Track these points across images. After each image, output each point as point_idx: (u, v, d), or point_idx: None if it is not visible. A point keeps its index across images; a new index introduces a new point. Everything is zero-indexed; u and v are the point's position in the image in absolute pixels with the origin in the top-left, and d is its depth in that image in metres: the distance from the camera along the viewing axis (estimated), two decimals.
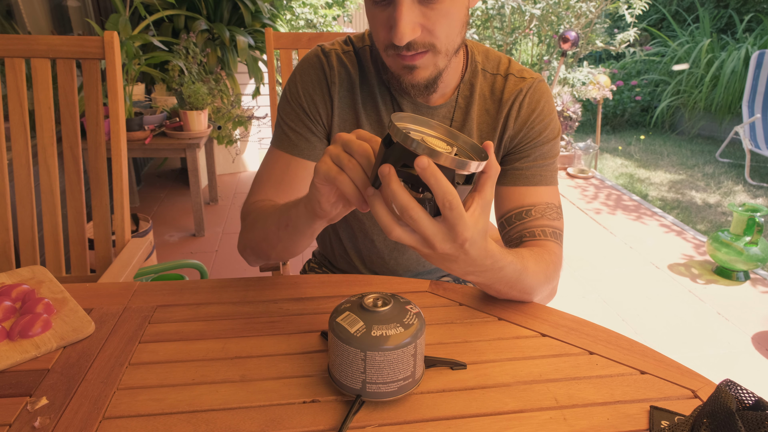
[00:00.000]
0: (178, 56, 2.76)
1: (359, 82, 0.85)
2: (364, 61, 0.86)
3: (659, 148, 4.90)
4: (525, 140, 0.84)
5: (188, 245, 2.69)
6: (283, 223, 0.68)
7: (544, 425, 0.52)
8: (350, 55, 0.86)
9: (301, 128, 0.85)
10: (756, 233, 2.33)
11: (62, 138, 1.11)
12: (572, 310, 0.95)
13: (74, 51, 1.07)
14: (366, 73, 0.85)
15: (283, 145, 0.85)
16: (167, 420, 0.51)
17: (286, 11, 4.64)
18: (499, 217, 0.85)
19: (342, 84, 0.85)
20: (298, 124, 0.85)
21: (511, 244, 0.81)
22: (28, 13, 2.35)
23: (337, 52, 0.86)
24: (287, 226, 0.68)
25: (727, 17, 5.75)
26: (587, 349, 0.64)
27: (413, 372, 0.53)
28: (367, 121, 0.86)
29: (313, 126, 0.85)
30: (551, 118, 0.85)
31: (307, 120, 0.85)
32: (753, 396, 0.48)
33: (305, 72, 0.85)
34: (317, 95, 0.84)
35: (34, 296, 0.70)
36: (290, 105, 0.85)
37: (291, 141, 0.85)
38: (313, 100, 0.84)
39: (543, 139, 0.84)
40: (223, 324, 0.67)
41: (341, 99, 0.85)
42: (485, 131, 0.85)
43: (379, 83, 0.85)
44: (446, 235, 0.49)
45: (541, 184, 0.83)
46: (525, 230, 0.80)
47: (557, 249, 0.78)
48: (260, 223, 0.76)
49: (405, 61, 0.73)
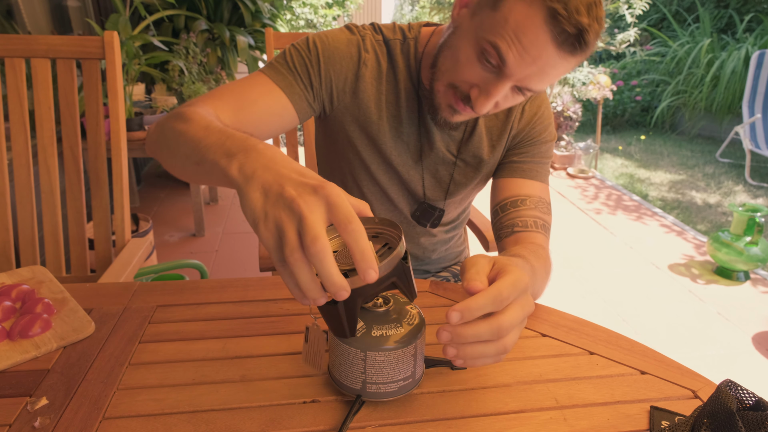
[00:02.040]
0: (178, 56, 2.76)
1: (386, 73, 0.84)
2: (394, 54, 0.84)
3: (659, 148, 4.90)
4: (526, 138, 0.89)
5: (188, 245, 2.69)
6: (197, 159, 0.53)
7: (544, 425, 0.52)
8: (381, 44, 0.85)
9: (303, 74, 0.79)
10: (756, 233, 2.33)
11: (62, 138, 1.11)
12: (572, 310, 0.95)
13: (74, 51, 1.07)
14: (394, 67, 0.84)
15: (274, 76, 0.78)
16: (167, 420, 0.51)
17: (286, 11, 4.64)
18: (494, 204, 0.87)
19: (371, 70, 0.83)
20: (303, 70, 0.79)
21: (503, 231, 0.83)
22: (28, 13, 2.35)
23: (370, 37, 0.84)
24: (200, 165, 0.53)
25: (727, 17, 5.74)
26: (587, 349, 0.64)
27: (413, 372, 0.53)
28: (386, 114, 0.85)
29: (315, 82, 0.80)
30: (550, 122, 0.91)
31: (315, 75, 0.80)
32: (753, 396, 0.47)
33: (339, 40, 0.82)
34: (341, 67, 0.81)
35: (34, 296, 0.70)
36: (302, 54, 0.80)
37: (284, 76, 0.78)
38: (334, 68, 0.81)
39: (542, 139, 0.89)
40: (223, 324, 0.67)
41: (366, 84, 0.83)
42: (495, 136, 0.89)
43: (406, 80, 0.84)
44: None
45: (536, 179, 0.87)
46: (518, 218, 0.81)
47: (545, 242, 0.80)
48: (183, 135, 0.57)
49: (457, 106, 0.75)
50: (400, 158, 0.88)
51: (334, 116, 0.85)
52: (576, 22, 0.62)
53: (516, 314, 0.46)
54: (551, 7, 0.62)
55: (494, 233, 0.86)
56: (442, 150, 0.88)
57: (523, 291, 0.47)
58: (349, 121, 0.85)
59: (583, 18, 0.62)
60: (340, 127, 0.86)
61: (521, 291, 0.47)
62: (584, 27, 0.63)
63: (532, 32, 0.64)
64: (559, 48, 0.65)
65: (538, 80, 0.69)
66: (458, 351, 0.46)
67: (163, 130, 0.63)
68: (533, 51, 0.65)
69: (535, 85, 0.70)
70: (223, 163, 0.48)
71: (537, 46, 0.64)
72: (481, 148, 0.89)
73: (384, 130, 0.85)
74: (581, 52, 0.66)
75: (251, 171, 0.45)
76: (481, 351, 0.46)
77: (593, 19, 0.63)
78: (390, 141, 0.86)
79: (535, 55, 0.65)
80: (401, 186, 0.92)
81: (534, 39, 0.64)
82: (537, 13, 0.63)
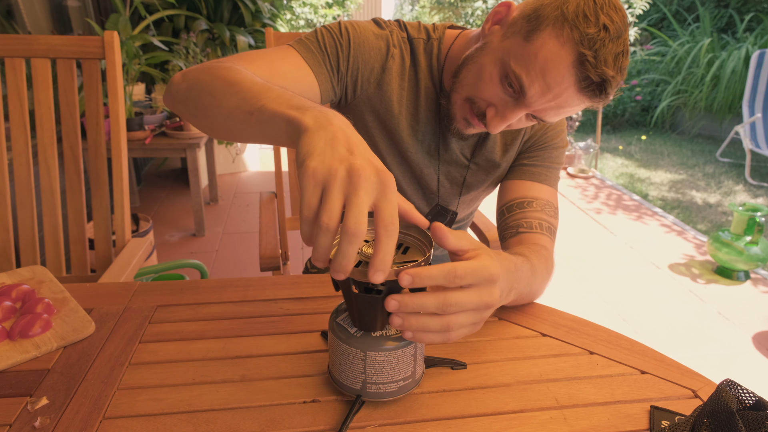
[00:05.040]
0: (178, 56, 2.76)
1: (408, 70, 0.84)
2: (417, 52, 0.84)
3: (660, 148, 4.90)
4: (538, 143, 0.90)
5: (188, 245, 2.69)
6: (250, 109, 0.52)
7: (544, 425, 0.52)
8: (405, 41, 0.85)
9: (332, 55, 0.78)
10: (756, 233, 2.33)
11: (62, 138, 1.11)
12: (572, 309, 0.95)
13: (74, 51, 1.07)
14: (417, 65, 0.84)
15: (304, 52, 0.77)
16: (167, 420, 0.51)
17: (286, 11, 4.64)
18: (501, 205, 0.87)
19: (397, 65, 0.83)
20: (333, 52, 0.78)
21: (508, 232, 0.83)
22: (28, 13, 2.35)
23: (396, 33, 0.84)
24: (253, 115, 0.52)
25: (727, 17, 5.74)
26: (587, 349, 0.64)
27: (413, 372, 0.53)
28: (405, 111, 0.85)
29: (342, 66, 0.79)
30: (562, 129, 0.91)
31: (343, 60, 0.79)
32: (753, 396, 0.47)
33: (369, 31, 0.82)
34: (369, 56, 0.81)
35: (35, 296, 0.70)
36: (334, 36, 0.79)
37: (314, 55, 0.77)
38: (363, 56, 0.80)
39: (553, 144, 0.90)
40: (223, 324, 0.67)
41: (391, 77, 0.83)
42: (509, 139, 0.90)
43: (427, 79, 0.84)
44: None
45: (545, 183, 0.87)
46: (524, 219, 0.81)
47: (550, 244, 0.80)
48: (234, 85, 0.56)
49: (472, 120, 0.77)
50: (416, 155, 0.89)
51: (355, 105, 0.85)
52: (602, 72, 0.64)
53: (469, 297, 0.46)
54: (582, 52, 0.63)
55: (499, 234, 0.86)
56: (456, 152, 0.89)
57: (485, 279, 0.47)
58: (369, 112, 0.85)
59: (609, 70, 0.64)
60: (359, 116, 0.86)
61: (483, 279, 0.47)
62: (608, 78, 0.65)
63: (558, 73, 0.65)
64: (580, 92, 0.67)
65: (553, 114, 0.71)
66: (403, 321, 0.46)
67: (199, 81, 0.61)
68: (555, 90, 0.67)
69: (549, 118, 0.72)
70: (293, 113, 0.47)
71: (560, 86, 0.66)
72: (494, 152, 0.90)
73: (403, 125, 0.85)
74: (599, 99, 0.68)
75: (327, 123, 0.45)
76: (424, 323, 0.46)
77: (617, 71, 0.65)
78: (407, 137, 0.86)
79: (556, 93, 0.67)
80: (415, 182, 0.92)
81: (559, 80, 0.66)
82: (567, 56, 0.64)
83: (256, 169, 3.94)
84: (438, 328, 0.47)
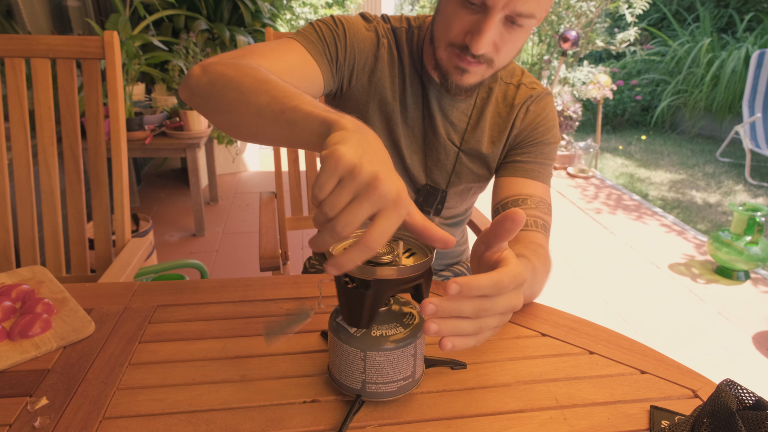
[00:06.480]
0: (178, 56, 2.76)
1: (396, 59, 0.87)
2: (401, 41, 0.88)
3: (659, 148, 4.90)
4: (528, 138, 0.90)
5: (188, 245, 2.69)
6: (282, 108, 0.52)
7: (544, 425, 0.52)
8: (389, 31, 0.88)
9: (331, 45, 0.80)
10: (756, 233, 2.33)
11: (62, 138, 1.11)
12: (572, 309, 0.95)
13: (74, 51, 1.07)
14: (401, 54, 0.87)
15: (306, 43, 0.78)
16: (167, 420, 0.51)
17: (286, 11, 4.64)
18: (496, 203, 0.87)
19: (386, 53, 0.86)
20: (331, 42, 0.81)
21: None
22: (28, 13, 2.35)
23: (382, 25, 0.87)
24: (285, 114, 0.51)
25: (727, 17, 5.74)
26: (587, 349, 0.64)
27: (413, 372, 0.53)
28: (399, 98, 0.87)
29: (340, 56, 0.82)
30: (554, 124, 0.91)
31: (341, 49, 0.82)
32: (753, 396, 0.47)
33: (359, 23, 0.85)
34: (363, 46, 0.84)
35: (34, 296, 0.70)
36: (330, 27, 0.81)
37: (315, 45, 0.79)
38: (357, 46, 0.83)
39: (545, 141, 0.90)
40: (223, 324, 0.67)
41: (383, 65, 0.86)
42: (496, 132, 0.91)
43: (410, 66, 0.87)
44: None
45: (538, 179, 0.87)
46: None
47: (545, 242, 0.81)
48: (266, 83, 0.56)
49: (462, 63, 0.77)
50: (406, 141, 0.90)
51: (350, 95, 0.87)
52: None
53: (502, 303, 0.46)
54: None
55: None
56: (443, 138, 0.90)
57: (519, 285, 0.48)
58: (365, 101, 0.87)
59: None
60: (355, 106, 0.87)
61: (518, 285, 0.47)
62: None
63: None
64: None
65: (522, 1, 0.69)
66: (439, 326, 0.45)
67: (224, 76, 0.60)
68: None
69: (522, 6, 0.69)
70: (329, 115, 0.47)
71: None
72: (481, 142, 0.90)
73: (396, 112, 0.88)
74: None
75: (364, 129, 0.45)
76: (459, 326, 0.46)
77: None
78: (400, 124, 0.89)
79: None
80: (404, 171, 0.93)
81: None
82: None
83: (256, 169, 3.94)
84: (471, 331, 0.46)
